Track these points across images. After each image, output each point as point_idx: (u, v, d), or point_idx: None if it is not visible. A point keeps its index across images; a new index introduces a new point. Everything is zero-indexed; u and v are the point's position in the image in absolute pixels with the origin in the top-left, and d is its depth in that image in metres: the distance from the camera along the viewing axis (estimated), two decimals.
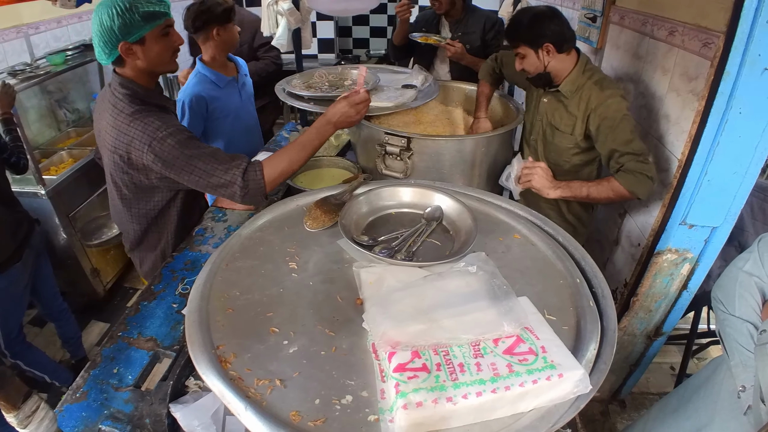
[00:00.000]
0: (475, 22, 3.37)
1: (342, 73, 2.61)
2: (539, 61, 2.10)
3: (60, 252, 3.57)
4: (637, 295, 2.24)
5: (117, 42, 1.69)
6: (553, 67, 2.11)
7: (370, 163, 2.22)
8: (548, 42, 2.05)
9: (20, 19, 3.90)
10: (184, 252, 1.99)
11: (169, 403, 1.33)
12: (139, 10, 1.66)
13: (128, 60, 1.76)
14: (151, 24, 1.70)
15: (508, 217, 1.42)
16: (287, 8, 3.06)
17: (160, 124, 1.72)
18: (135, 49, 1.73)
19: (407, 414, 0.83)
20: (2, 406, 1.06)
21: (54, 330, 3.44)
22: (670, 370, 3.04)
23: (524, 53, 2.11)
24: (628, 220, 2.51)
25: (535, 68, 2.13)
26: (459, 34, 3.36)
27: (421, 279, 1.13)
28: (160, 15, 1.72)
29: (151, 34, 1.72)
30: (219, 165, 1.72)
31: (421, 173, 2.07)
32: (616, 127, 1.98)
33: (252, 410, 0.88)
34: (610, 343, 1.01)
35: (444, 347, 0.94)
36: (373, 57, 6.89)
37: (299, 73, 2.65)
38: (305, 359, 1.00)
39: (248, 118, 2.96)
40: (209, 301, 1.15)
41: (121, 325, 1.65)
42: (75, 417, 1.34)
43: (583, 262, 1.27)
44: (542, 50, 2.07)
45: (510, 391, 0.86)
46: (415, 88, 2.38)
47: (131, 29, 1.67)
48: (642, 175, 1.93)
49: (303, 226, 1.41)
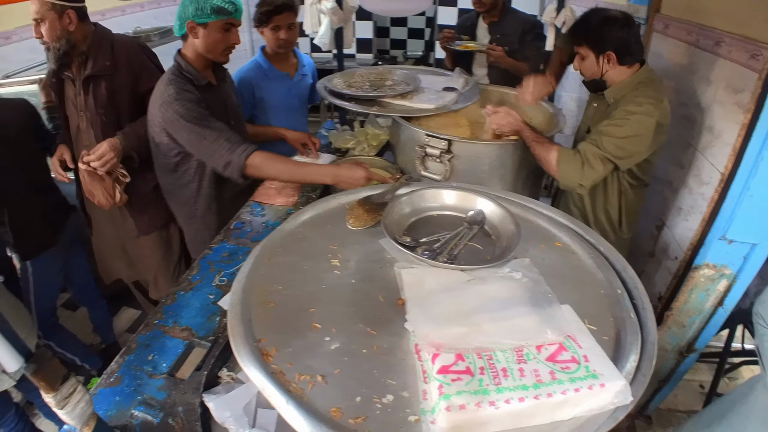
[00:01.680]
0: (513, 25, 3.35)
1: (382, 74, 2.62)
2: (597, 66, 2.05)
3: None
4: (672, 310, 2.20)
5: (187, 19, 2.03)
6: (610, 77, 2.07)
7: (408, 164, 2.22)
8: (612, 50, 1.99)
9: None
10: (221, 244, 2.02)
11: (203, 393, 1.34)
12: (212, 2, 1.99)
13: (190, 36, 2.08)
14: (216, 16, 2.02)
15: (549, 224, 1.41)
16: (330, 7, 3.08)
17: (177, 91, 2.02)
18: (197, 30, 2.05)
19: (449, 416, 0.83)
20: (42, 386, 1.08)
21: (85, 314, 3.50)
22: (700, 388, 2.98)
23: (585, 54, 2.06)
24: (665, 233, 2.48)
25: (592, 73, 2.09)
26: (497, 36, 3.35)
27: (463, 282, 1.13)
28: (225, 12, 2.03)
29: (214, 24, 2.04)
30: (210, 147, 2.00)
31: (460, 176, 2.07)
32: (616, 118, 1.96)
33: (293, 404, 0.88)
34: (649, 356, 1.00)
35: (488, 351, 0.94)
36: (410, 58, 6.89)
37: (340, 72, 2.67)
38: (346, 356, 1.00)
39: (292, 114, 3.00)
40: (251, 295, 1.16)
41: (157, 314, 1.67)
42: (108, 401, 1.36)
43: (624, 273, 1.25)
44: (603, 57, 2.01)
45: (552, 398, 0.86)
46: (455, 91, 2.37)
47: (200, 13, 2.00)
48: (578, 158, 1.94)
49: (345, 224, 1.42)
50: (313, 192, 2.36)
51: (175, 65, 2.13)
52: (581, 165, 1.93)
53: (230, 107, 2.32)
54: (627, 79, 2.04)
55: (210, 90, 2.18)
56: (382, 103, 2.31)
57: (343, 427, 0.86)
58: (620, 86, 2.06)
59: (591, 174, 1.94)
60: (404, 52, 7.09)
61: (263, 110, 2.90)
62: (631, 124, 1.92)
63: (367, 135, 2.78)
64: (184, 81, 2.08)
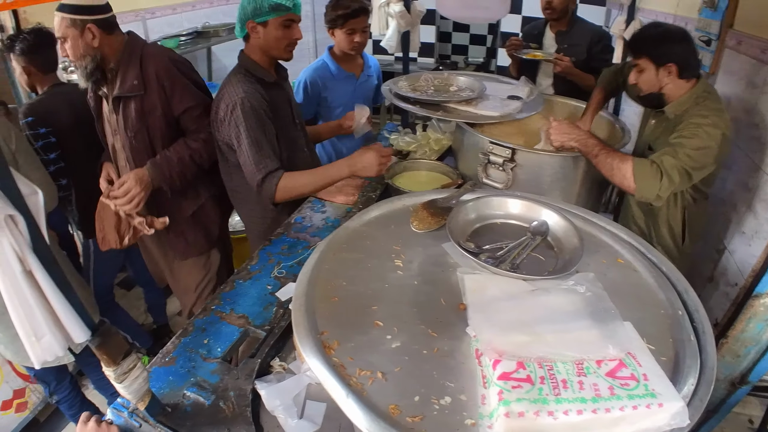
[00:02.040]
0: (581, 35, 3.31)
1: (447, 79, 2.63)
2: (657, 79, 2.04)
3: None
4: (727, 338, 2.14)
5: (246, 20, 2.05)
6: (669, 90, 2.06)
7: (470, 170, 2.22)
8: (673, 63, 1.99)
9: (138, 4, 4.18)
10: (281, 237, 2.06)
11: (254, 380, 1.37)
12: (269, 0, 1.98)
13: (252, 36, 2.10)
14: (276, 13, 2.03)
15: (612, 240, 1.40)
16: (398, 11, 3.10)
17: (245, 90, 2.03)
18: (258, 29, 2.06)
19: (508, 422, 0.84)
20: (104, 360, 1.11)
21: (139, 294, 3.63)
22: (748, 423, 2.87)
23: (644, 67, 2.05)
24: (726, 257, 2.41)
25: (650, 86, 2.08)
26: (564, 46, 3.31)
27: (527, 292, 1.13)
28: (283, 8, 2.03)
29: (274, 21, 2.05)
30: (252, 160, 2.03)
31: (522, 186, 2.06)
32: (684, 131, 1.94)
33: (353, 398, 0.90)
34: (708, 380, 0.98)
35: (549, 362, 0.95)
36: (471, 64, 6.86)
37: (406, 75, 2.70)
38: (407, 356, 1.02)
39: None
40: (315, 288, 1.18)
41: (215, 299, 1.71)
42: (162, 379, 1.41)
43: (686, 295, 1.23)
44: (664, 69, 2.01)
45: (609, 414, 0.86)
46: (520, 100, 2.36)
47: (258, 12, 2.02)
48: (655, 168, 1.90)
49: (408, 226, 1.43)
50: (373, 192, 2.38)
51: (239, 66, 2.16)
52: (660, 176, 1.90)
53: (294, 105, 2.36)
54: (687, 94, 2.04)
55: (276, 88, 2.22)
56: (446, 108, 2.32)
57: (400, 425, 0.88)
58: (681, 101, 2.05)
59: (669, 185, 1.91)
60: (465, 58, 7.06)
61: (328, 109, 2.96)
62: (701, 135, 1.91)
63: (429, 139, 2.78)
64: (252, 80, 2.11)
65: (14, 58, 2.52)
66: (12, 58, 2.54)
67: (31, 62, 2.50)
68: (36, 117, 2.39)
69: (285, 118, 2.24)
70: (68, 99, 2.58)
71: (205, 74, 4.90)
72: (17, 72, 2.58)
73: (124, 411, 1.32)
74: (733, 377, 2.24)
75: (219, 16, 5.06)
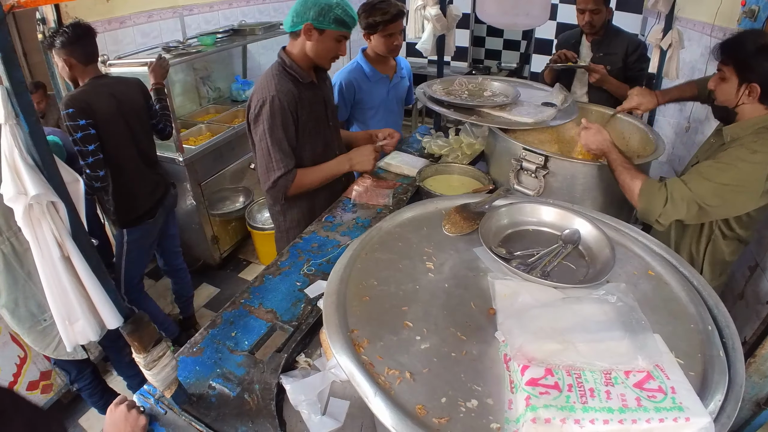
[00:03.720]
0: (617, 44, 3.29)
1: (481, 84, 2.63)
2: (736, 95, 1.86)
3: (187, 216, 3.82)
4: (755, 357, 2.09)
5: (306, 20, 2.05)
6: (743, 111, 1.89)
7: (502, 176, 2.22)
8: (757, 82, 1.79)
9: (177, 1, 4.26)
10: (311, 235, 2.08)
11: (280, 375, 1.39)
12: (335, 12, 2.04)
13: (304, 37, 2.11)
14: (336, 27, 2.08)
15: (644, 252, 1.39)
16: (434, 14, 3.10)
17: (278, 87, 2.10)
18: (314, 33, 2.09)
19: (535, 428, 0.84)
20: (135, 346, 1.14)
21: (167, 285, 3.69)
22: None
23: (727, 76, 1.87)
24: (758, 275, 2.37)
25: (726, 99, 1.91)
26: (600, 55, 3.29)
27: (558, 300, 1.13)
28: (345, 25, 2.09)
29: (331, 33, 2.10)
30: (272, 158, 2.16)
31: (553, 193, 2.06)
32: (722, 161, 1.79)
33: (381, 397, 0.92)
34: (736, 397, 0.98)
35: (577, 370, 0.95)
36: (504, 69, 6.84)
37: (440, 79, 2.71)
38: (435, 358, 1.03)
39: (390, 115, 3.09)
40: (347, 286, 1.20)
41: (245, 293, 1.74)
42: (189, 369, 1.44)
43: (716, 310, 1.22)
44: (746, 86, 1.82)
45: (636, 425, 0.86)
46: (554, 107, 2.35)
47: (321, 19, 2.04)
48: (662, 192, 1.80)
49: (441, 229, 1.44)
50: (404, 194, 2.39)
51: (279, 62, 2.20)
52: (664, 201, 1.81)
53: (330, 106, 2.40)
54: (752, 120, 1.86)
55: (312, 88, 2.25)
56: (480, 112, 2.32)
57: (426, 425, 0.89)
58: (743, 125, 1.88)
59: (672, 213, 1.81)
60: (498, 63, 7.03)
61: (362, 111, 2.99)
62: (737, 171, 1.76)
63: (461, 143, 2.79)
64: (288, 78, 2.16)
65: (55, 52, 2.57)
66: (53, 53, 2.60)
67: (72, 54, 2.56)
68: (76, 108, 2.44)
69: (319, 119, 2.29)
70: (109, 91, 2.64)
71: (240, 72, 4.95)
72: (59, 66, 2.64)
73: (151, 398, 1.35)
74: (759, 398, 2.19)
75: (255, 15, 5.11)
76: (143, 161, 2.85)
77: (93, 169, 2.50)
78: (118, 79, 2.84)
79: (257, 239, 4.10)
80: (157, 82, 3.09)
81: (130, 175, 2.75)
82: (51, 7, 3.20)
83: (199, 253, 4.12)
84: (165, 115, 3.07)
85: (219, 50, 4.07)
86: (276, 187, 2.19)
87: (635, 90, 2.47)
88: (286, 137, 2.14)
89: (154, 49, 3.76)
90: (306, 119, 2.20)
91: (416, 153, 2.95)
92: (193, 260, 4.03)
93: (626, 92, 3.07)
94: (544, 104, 2.41)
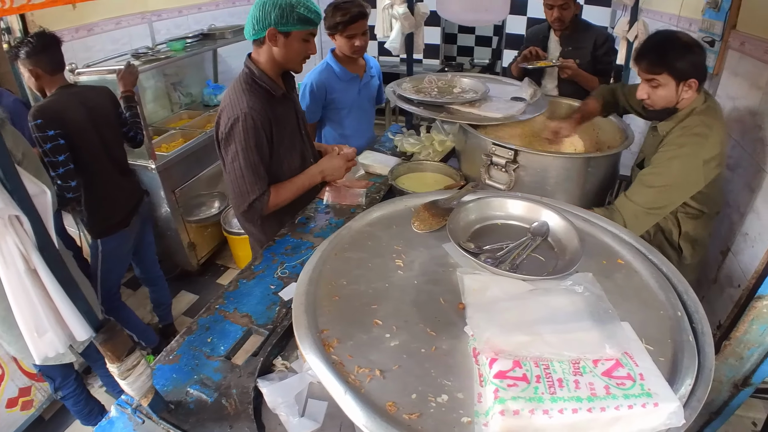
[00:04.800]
0: (585, 38, 3.32)
1: (451, 81, 2.64)
2: (675, 95, 1.93)
3: (162, 223, 3.80)
4: (730, 340, 2.13)
5: (268, 26, 1.93)
6: (684, 104, 1.97)
7: (473, 171, 2.24)
8: (695, 78, 1.89)
9: (145, 6, 4.24)
10: (285, 237, 2.08)
11: (257, 378, 1.39)
12: (297, 11, 1.91)
13: (269, 44, 1.99)
14: (302, 26, 1.95)
15: (613, 241, 1.40)
16: (402, 12, 3.10)
17: (250, 104, 1.97)
18: (279, 38, 1.97)
19: (503, 420, 0.84)
20: (108, 356, 1.13)
21: (145, 294, 3.66)
22: (752, 425, 2.86)
23: (662, 83, 1.91)
24: (730, 259, 2.40)
25: (667, 102, 1.96)
26: (569, 49, 3.32)
27: (526, 292, 1.14)
28: (310, 23, 1.96)
29: (297, 33, 1.97)
30: (246, 180, 2.03)
31: (525, 187, 2.07)
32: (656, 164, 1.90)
33: (351, 395, 0.91)
34: (706, 381, 0.99)
35: (545, 361, 0.95)
36: (476, 66, 6.87)
37: (410, 77, 2.72)
38: (405, 354, 1.03)
39: (363, 114, 3.09)
40: (317, 287, 1.20)
41: (219, 299, 1.74)
42: (166, 377, 1.44)
43: (686, 296, 1.23)
44: (685, 84, 1.90)
45: (605, 413, 0.86)
46: (524, 101, 2.37)
47: (284, 21, 1.92)
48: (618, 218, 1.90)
49: (410, 227, 1.44)
50: (377, 194, 2.39)
51: (247, 72, 2.07)
52: (623, 224, 1.86)
53: (300, 115, 2.32)
54: (687, 108, 1.95)
55: (284, 101, 2.15)
56: (450, 109, 2.33)
57: (397, 422, 0.89)
58: (679, 116, 1.97)
59: (636, 230, 1.88)
60: (471, 60, 7.06)
61: (335, 111, 2.98)
62: (671, 171, 1.88)
63: (432, 140, 2.80)
64: (259, 93, 2.04)
65: (20, 62, 2.53)
66: (19, 64, 2.56)
67: (37, 64, 2.52)
68: (45, 119, 2.40)
69: (293, 132, 2.21)
70: (77, 100, 2.60)
71: (211, 76, 4.93)
72: (26, 77, 2.59)
73: (128, 407, 1.34)
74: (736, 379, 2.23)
75: (226, 18, 5.08)
76: (115, 170, 2.81)
77: (64, 180, 2.47)
78: (86, 88, 2.80)
79: (234, 244, 4.07)
80: (126, 90, 3.05)
81: (102, 184, 2.72)
82: (16, 16, 3.15)
83: (177, 260, 4.09)
84: (135, 122, 3.03)
85: (189, 55, 4.05)
86: (251, 211, 2.07)
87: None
88: (260, 158, 2.02)
89: (124, 55, 3.72)
90: (281, 136, 2.11)
91: (389, 152, 2.96)
92: (170, 268, 4.01)
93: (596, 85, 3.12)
94: (513, 99, 2.42)
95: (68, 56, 2.70)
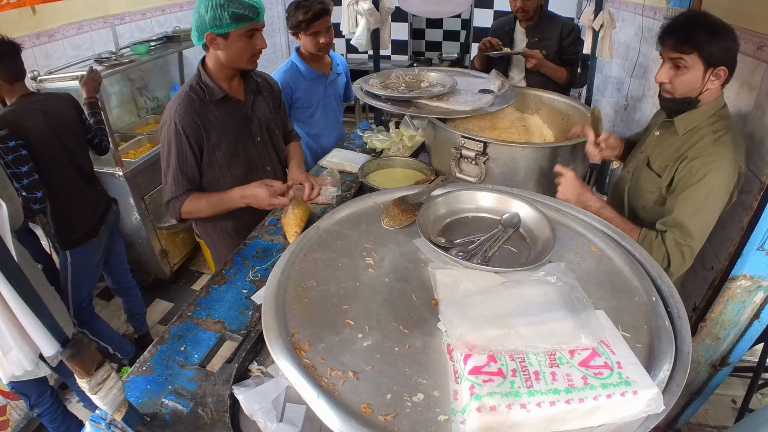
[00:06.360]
0: (551, 29, 3.34)
1: (419, 75, 2.63)
2: (701, 82, 1.71)
3: (132, 231, 3.74)
4: (706, 321, 2.15)
5: (205, 30, 1.88)
6: (705, 97, 1.76)
7: (443, 165, 2.23)
8: (726, 66, 1.68)
9: (107, 10, 4.15)
10: (255, 240, 2.05)
11: (233, 385, 1.37)
12: (229, 10, 1.83)
13: (211, 48, 1.96)
14: (237, 24, 1.87)
15: (585, 229, 1.40)
16: (367, 8, 3.09)
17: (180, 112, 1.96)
18: (218, 40, 1.92)
19: (480, 417, 0.83)
20: (77, 371, 1.10)
21: (119, 304, 3.60)
22: (732, 403, 2.91)
23: (689, 65, 1.70)
24: None
25: (689, 89, 1.75)
26: (535, 40, 3.34)
27: (498, 285, 1.13)
28: (246, 18, 1.87)
29: (236, 32, 1.90)
30: (166, 180, 2.04)
31: (496, 179, 2.07)
32: (695, 190, 1.73)
33: (324, 399, 0.90)
34: (684, 365, 0.99)
35: (520, 354, 0.94)
36: (445, 60, 6.89)
37: (377, 73, 2.70)
38: (378, 354, 1.01)
39: (329, 113, 3.08)
40: (286, 290, 1.17)
41: (191, 306, 1.71)
42: (140, 389, 1.41)
43: (660, 281, 1.23)
44: (713, 73, 1.69)
45: (583, 404, 0.85)
46: (492, 93, 2.37)
47: (218, 23, 1.85)
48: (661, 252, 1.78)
49: (380, 223, 1.42)
50: (348, 191, 2.37)
51: (195, 75, 2.05)
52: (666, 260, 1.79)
53: (258, 122, 2.22)
54: (708, 106, 1.77)
55: (227, 103, 2.08)
56: (417, 104, 2.32)
57: (373, 424, 0.87)
58: (698, 114, 1.79)
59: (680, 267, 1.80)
60: (439, 54, 7.08)
61: (301, 110, 2.96)
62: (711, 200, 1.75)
63: (402, 136, 2.79)
64: (194, 99, 2.00)
65: None
66: None
67: None
68: (5, 129, 2.34)
69: (239, 137, 2.14)
70: (39, 108, 2.53)
71: (177, 79, 4.86)
72: None
73: (102, 422, 1.31)
74: (714, 359, 2.26)
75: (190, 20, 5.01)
76: (81, 179, 2.75)
77: (29, 191, 2.40)
78: (48, 96, 2.73)
79: (207, 249, 4.01)
80: (89, 96, 2.98)
81: (68, 194, 2.65)
82: None
83: (149, 268, 4.02)
84: (100, 129, 2.97)
85: (154, 58, 3.99)
86: (168, 209, 2.08)
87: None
88: (178, 164, 2.00)
89: (86, 61, 3.64)
90: (217, 141, 2.05)
91: (358, 149, 2.95)
92: (143, 276, 3.95)
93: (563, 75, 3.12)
94: (481, 91, 2.42)
95: (29, 64, 2.63)
